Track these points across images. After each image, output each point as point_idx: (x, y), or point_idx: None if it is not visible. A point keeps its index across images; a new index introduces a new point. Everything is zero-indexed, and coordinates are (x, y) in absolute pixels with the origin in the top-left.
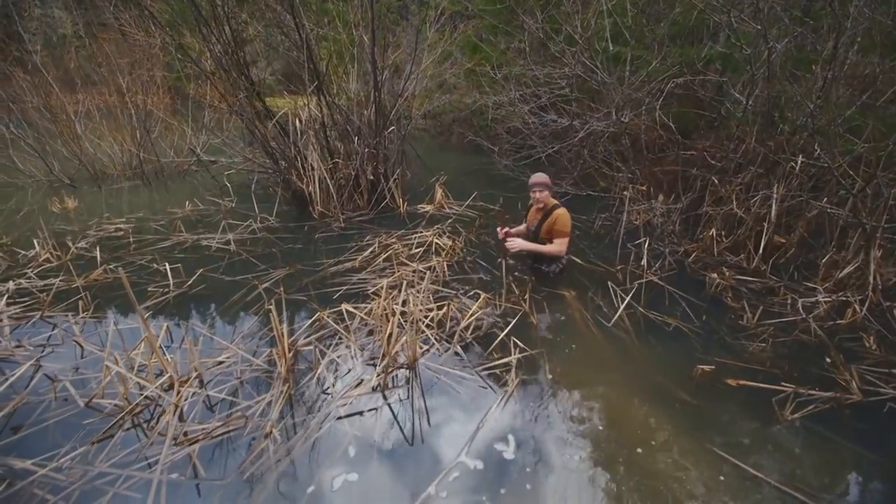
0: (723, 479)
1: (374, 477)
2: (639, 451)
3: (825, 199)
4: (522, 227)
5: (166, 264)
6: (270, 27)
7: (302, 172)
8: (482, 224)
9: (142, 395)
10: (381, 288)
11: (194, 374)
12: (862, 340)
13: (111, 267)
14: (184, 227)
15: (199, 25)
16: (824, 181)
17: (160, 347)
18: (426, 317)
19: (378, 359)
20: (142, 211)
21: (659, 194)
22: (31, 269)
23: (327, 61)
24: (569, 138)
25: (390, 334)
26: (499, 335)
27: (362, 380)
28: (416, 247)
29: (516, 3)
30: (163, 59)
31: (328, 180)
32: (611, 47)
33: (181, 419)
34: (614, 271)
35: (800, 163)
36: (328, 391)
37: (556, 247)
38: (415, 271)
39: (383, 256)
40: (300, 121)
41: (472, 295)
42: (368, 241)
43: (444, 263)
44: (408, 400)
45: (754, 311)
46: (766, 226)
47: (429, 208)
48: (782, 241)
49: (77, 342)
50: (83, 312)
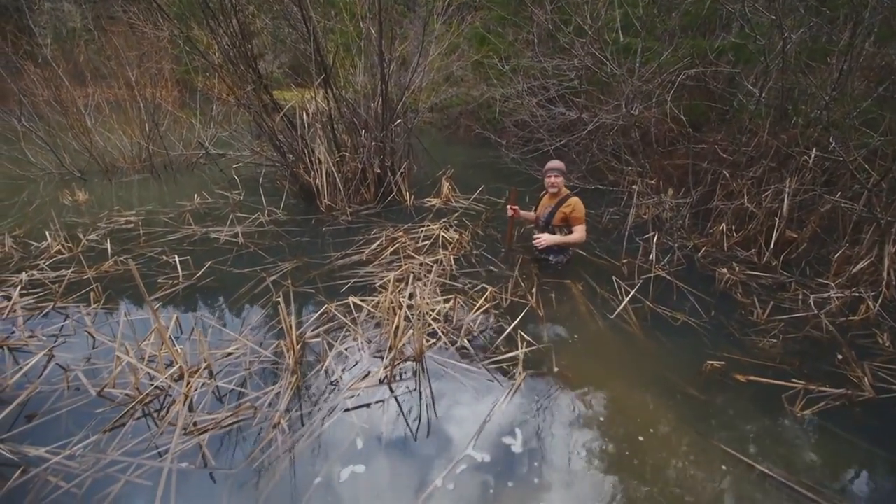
0: (730, 474)
1: (381, 469)
2: (647, 446)
3: (839, 194)
4: (531, 214)
5: (175, 256)
6: (278, 19)
7: (309, 165)
8: (489, 217)
9: (152, 385)
10: (389, 281)
11: (204, 365)
12: (875, 337)
13: (121, 259)
14: (192, 219)
15: (207, 18)
16: (838, 175)
17: (170, 338)
18: (433, 310)
19: (385, 351)
20: (151, 203)
21: (668, 188)
22: (43, 261)
23: (334, 54)
24: (577, 131)
25: (397, 327)
26: (506, 329)
27: (369, 372)
28: (422, 240)
29: None
30: (171, 52)
31: (335, 173)
32: (621, 38)
33: (191, 409)
34: (621, 265)
35: (813, 156)
36: (335, 383)
37: (577, 235)
38: (422, 265)
39: (390, 250)
40: (307, 114)
41: (478, 289)
42: (375, 234)
43: (451, 257)
44: (415, 392)
45: (764, 306)
46: (777, 220)
47: (435, 202)
48: (794, 236)
49: (89, 332)
50: (94, 303)
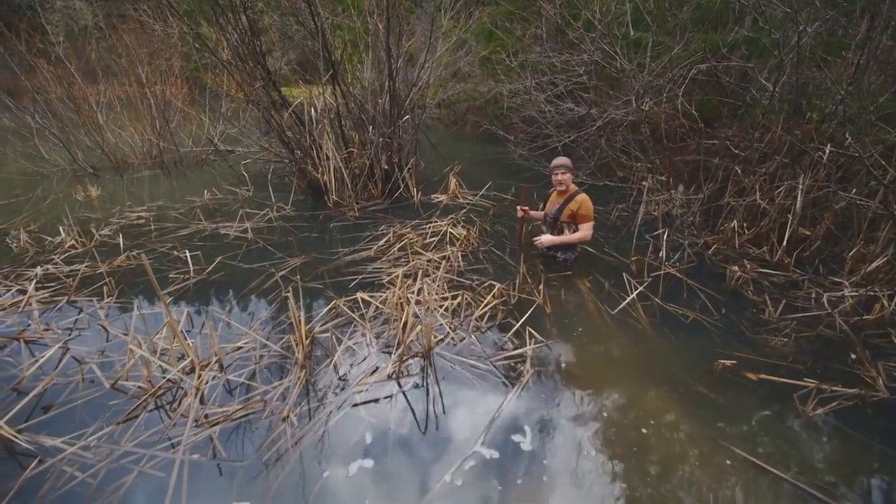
0: (742, 474)
1: (389, 463)
2: (656, 445)
3: (854, 190)
4: (540, 212)
5: (186, 252)
6: (286, 16)
7: (317, 162)
8: (496, 214)
9: (164, 377)
10: (396, 277)
11: (214, 359)
12: (889, 336)
13: (134, 254)
14: (202, 215)
15: (216, 15)
16: (853, 171)
17: (181, 332)
18: (441, 306)
19: (393, 347)
20: (162, 199)
21: (679, 185)
22: (57, 255)
23: (342, 50)
24: (586, 127)
25: (405, 323)
26: (513, 325)
27: (378, 367)
28: (430, 236)
29: None
30: (181, 49)
31: (343, 170)
32: (631, 33)
33: (202, 402)
34: (629, 262)
35: (828, 152)
36: (344, 378)
37: (583, 232)
38: (429, 261)
39: (398, 246)
40: (315, 110)
41: (486, 285)
42: (383, 230)
43: (459, 253)
44: (423, 388)
45: (777, 305)
46: (790, 217)
47: (443, 198)
48: (807, 233)
49: (102, 326)
50: (108, 297)
